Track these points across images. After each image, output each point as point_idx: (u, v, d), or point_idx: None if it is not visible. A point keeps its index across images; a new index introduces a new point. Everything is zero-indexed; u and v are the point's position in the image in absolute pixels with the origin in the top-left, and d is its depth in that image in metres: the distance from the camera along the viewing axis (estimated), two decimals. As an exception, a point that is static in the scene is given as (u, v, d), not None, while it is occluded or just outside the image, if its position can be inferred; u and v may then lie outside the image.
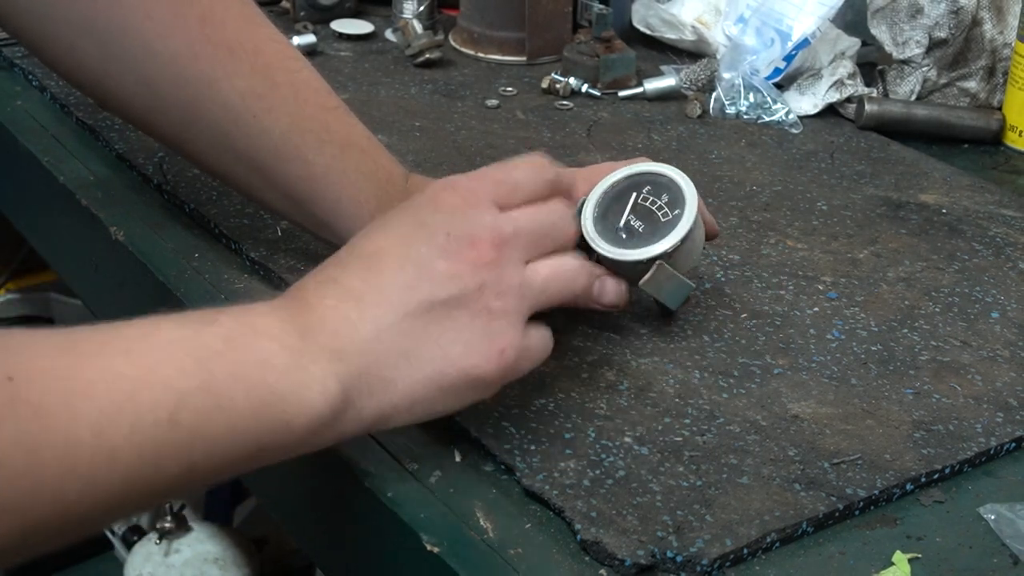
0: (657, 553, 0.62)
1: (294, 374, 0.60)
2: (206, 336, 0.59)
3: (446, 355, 0.64)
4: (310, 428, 0.60)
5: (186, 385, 0.56)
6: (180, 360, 0.56)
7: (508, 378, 0.67)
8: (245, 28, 0.80)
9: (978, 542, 0.66)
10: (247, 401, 0.58)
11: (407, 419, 0.65)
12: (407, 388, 0.63)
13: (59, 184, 0.99)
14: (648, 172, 0.80)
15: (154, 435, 0.54)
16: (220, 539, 1.54)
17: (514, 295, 0.66)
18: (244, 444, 0.58)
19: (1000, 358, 0.81)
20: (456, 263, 0.65)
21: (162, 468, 0.55)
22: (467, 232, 0.66)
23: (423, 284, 0.64)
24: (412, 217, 0.67)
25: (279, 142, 0.80)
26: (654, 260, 0.77)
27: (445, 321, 0.64)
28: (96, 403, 0.53)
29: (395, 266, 0.65)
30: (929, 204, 1.04)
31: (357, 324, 0.63)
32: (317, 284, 0.65)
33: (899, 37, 1.22)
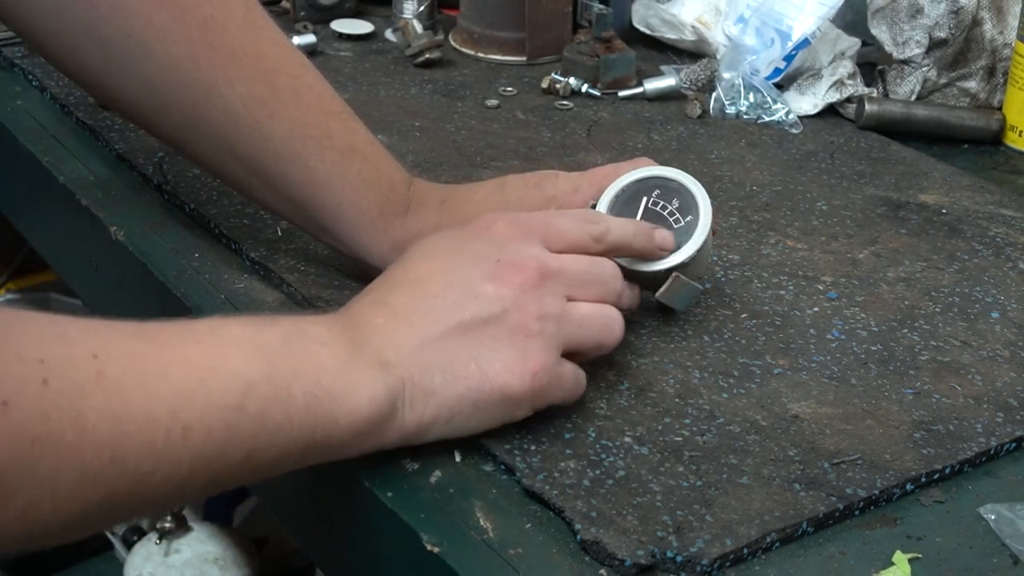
0: (657, 553, 0.62)
1: (344, 376, 0.63)
2: (267, 334, 0.62)
3: (483, 372, 0.66)
4: (356, 430, 0.63)
5: (252, 375, 0.59)
6: (246, 352, 0.60)
7: (538, 402, 0.69)
8: (248, 32, 0.80)
9: (978, 542, 0.66)
10: (303, 396, 0.61)
11: (443, 432, 0.67)
12: (445, 401, 0.66)
13: (59, 184, 0.99)
14: (657, 176, 0.80)
15: (223, 418, 0.57)
16: (220, 539, 1.54)
17: (552, 322, 0.69)
18: (298, 438, 0.61)
19: (1000, 358, 0.81)
20: (502, 286, 0.68)
21: (226, 453, 0.58)
22: (515, 259, 0.69)
23: (468, 304, 0.67)
24: (462, 244, 0.71)
25: (280, 147, 0.80)
26: (671, 271, 0.78)
27: (485, 339, 0.67)
28: (172, 384, 0.56)
29: (442, 288, 0.68)
30: (929, 204, 1.04)
31: (403, 341, 0.66)
32: (365, 305, 0.68)
33: (899, 37, 1.22)
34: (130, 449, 0.54)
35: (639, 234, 0.77)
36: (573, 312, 0.70)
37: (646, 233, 0.77)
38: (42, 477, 0.51)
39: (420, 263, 0.70)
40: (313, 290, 0.83)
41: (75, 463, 0.52)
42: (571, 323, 0.70)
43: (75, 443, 0.52)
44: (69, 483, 0.52)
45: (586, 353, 0.72)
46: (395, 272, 0.71)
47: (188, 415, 0.56)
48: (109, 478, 0.53)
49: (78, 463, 0.52)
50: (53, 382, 0.51)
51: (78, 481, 0.52)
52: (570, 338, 0.70)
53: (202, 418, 0.56)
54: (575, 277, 0.71)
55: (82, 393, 0.52)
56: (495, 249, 0.70)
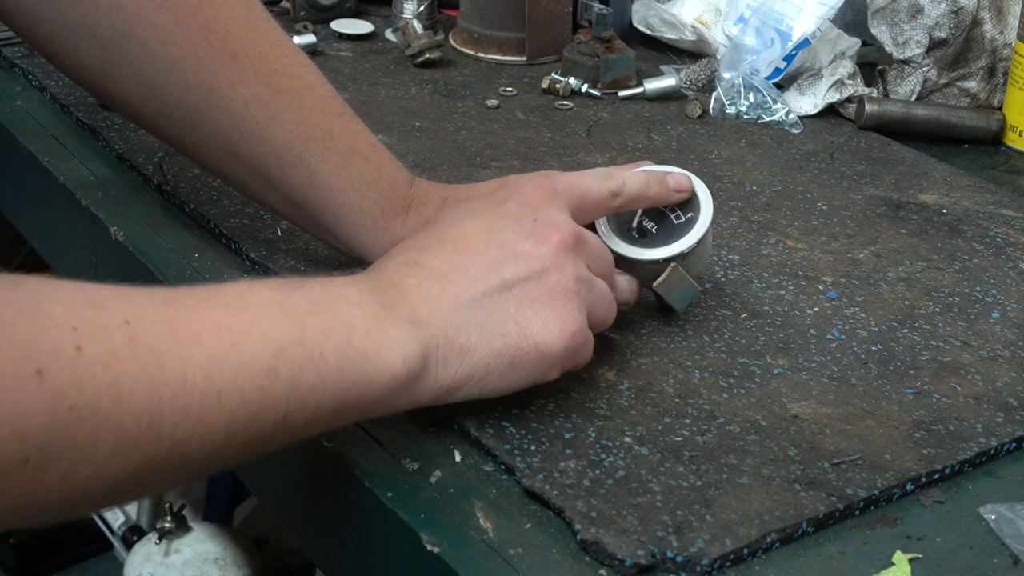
0: (657, 553, 0.62)
1: (376, 335, 0.63)
2: (296, 297, 0.62)
3: (521, 329, 0.67)
4: (389, 388, 0.63)
5: (283, 338, 0.59)
6: (275, 316, 0.60)
7: (569, 364, 0.70)
8: (249, 34, 0.80)
9: (978, 542, 0.66)
10: (335, 357, 0.61)
11: (477, 391, 0.68)
12: (481, 359, 0.67)
13: (59, 184, 0.99)
14: (671, 171, 0.81)
15: (257, 381, 0.57)
16: (220, 539, 1.54)
17: (585, 286, 0.70)
18: (332, 399, 0.61)
19: (1000, 358, 0.81)
20: (541, 244, 0.69)
21: (260, 415, 0.58)
22: (552, 220, 0.71)
23: (508, 263, 0.68)
24: (497, 207, 0.72)
25: (282, 149, 0.80)
26: (669, 261, 0.78)
27: (524, 298, 0.68)
28: (204, 349, 0.56)
29: (481, 248, 0.69)
30: (929, 204, 1.04)
31: (439, 299, 0.66)
32: (399, 266, 0.68)
33: (899, 37, 1.22)
34: (166, 414, 0.54)
35: (652, 181, 0.79)
36: (595, 282, 0.72)
37: (659, 179, 0.79)
38: (80, 443, 0.51)
39: (455, 225, 0.71)
40: (313, 290, 0.83)
41: (112, 429, 0.52)
42: (594, 291, 0.71)
43: (112, 409, 0.52)
44: (107, 449, 0.52)
45: (592, 327, 0.72)
46: (429, 233, 0.71)
47: (222, 379, 0.56)
48: (147, 443, 0.53)
49: (116, 429, 0.52)
50: (87, 348, 0.51)
51: (116, 447, 0.52)
52: (591, 306, 0.71)
53: (235, 382, 0.56)
54: (594, 251, 0.73)
55: (116, 359, 0.52)
56: (530, 210, 0.71)
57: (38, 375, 0.49)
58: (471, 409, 0.71)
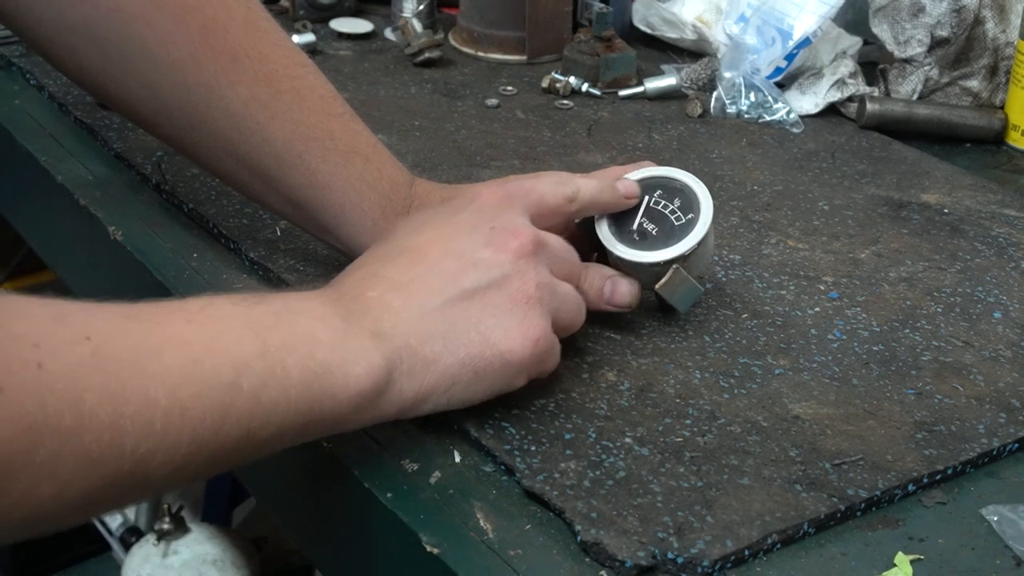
0: (658, 554, 0.62)
1: (339, 349, 0.62)
2: (258, 311, 0.61)
3: (485, 338, 0.67)
4: (353, 402, 0.63)
5: (245, 352, 0.59)
6: (238, 330, 0.59)
7: (535, 370, 0.70)
8: (249, 34, 0.80)
9: (980, 543, 0.66)
10: (298, 371, 0.60)
11: (444, 402, 0.67)
12: (445, 369, 0.66)
13: (57, 183, 0.99)
14: (659, 176, 0.81)
15: (219, 397, 0.57)
16: (219, 540, 1.54)
17: (547, 290, 0.70)
18: (296, 413, 0.60)
19: (1002, 358, 0.81)
20: (499, 251, 0.69)
21: (223, 431, 0.57)
22: (510, 226, 0.70)
23: (467, 272, 0.68)
24: (454, 215, 0.71)
25: (282, 150, 0.80)
26: (671, 263, 0.78)
27: (486, 306, 0.67)
28: (166, 364, 0.55)
29: (439, 257, 0.68)
30: (931, 204, 1.04)
31: (401, 311, 0.66)
32: (358, 279, 0.68)
33: (901, 36, 1.22)
34: (128, 431, 0.53)
35: (604, 188, 0.79)
36: (558, 287, 0.71)
37: (609, 187, 0.79)
38: (41, 462, 0.50)
39: (412, 235, 0.70)
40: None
41: (74, 447, 0.51)
42: (558, 296, 0.71)
43: (73, 427, 0.51)
44: (69, 467, 0.51)
45: (559, 331, 0.72)
46: (385, 246, 0.71)
47: (184, 395, 0.55)
48: (109, 461, 0.53)
49: (77, 446, 0.51)
50: (49, 365, 0.51)
51: (78, 465, 0.52)
52: (556, 311, 0.71)
53: (198, 397, 0.56)
54: (557, 253, 0.72)
55: (78, 375, 0.52)
56: (488, 216, 0.71)
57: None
58: (471, 409, 0.70)
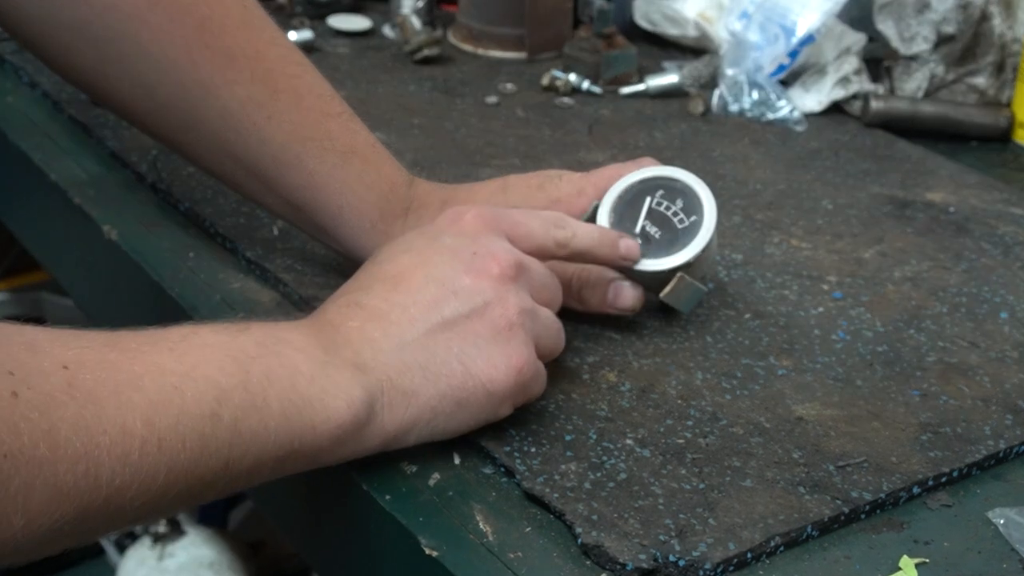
0: (659, 557, 0.61)
1: (320, 381, 0.62)
2: (241, 341, 0.61)
3: (466, 368, 0.66)
4: (333, 436, 0.62)
5: (227, 382, 0.58)
6: (220, 360, 0.59)
7: (520, 399, 0.69)
8: (245, 33, 0.79)
9: (986, 547, 0.65)
10: (279, 403, 0.60)
11: (426, 434, 0.66)
12: (427, 402, 0.65)
13: (51, 182, 0.98)
14: (661, 176, 0.80)
15: (198, 427, 0.56)
16: (215, 543, 1.54)
17: (528, 316, 0.69)
18: (275, 445, 0.60)
19: (1009, 359, 0.80)
20: (480, 278, 0.68)
21: (201, 462, 0.57)
22: (491, 251, 0.69)
23: (448, 300, 0.67)
24: (433, 239, 0.70)
25: (279, 151, 0.79)
26: (676, 271, 0.77)
27: (467, 335, 0.66)
28: (145, 394, 0.55)
29: (419, 285, 0.67)
30: (936, 203, 1.03)
31: (381, 342, 0.65)
32: (339, 308, 0.67)
33: (906, 32, 1.21)
34: (104, 462, 0.52)
35: (604, 243, 0.76)
36: (540, 312, 0.70)
37: (611, 241, 0.77)
38: (14, 493, 0.49)
39: (392, 261, 0.69)
40: (309, 290, 0.83)
41: (48, 477, 0.50)
42: (540, 321, 0.70)
43: (47, 457, 0.50)
44: (42, 498, 0.50)
45: (541, 356, 0.71)
46: (367, 272, 0.70)
47: (162, 425, 0.54)
48: (83, 492, 0.52)
49: (51, 477, 0.50)
50: (24, 393, 0.50)
51: (51, 496, 0.51)
52: (538, 337, 0.70)
53: (176, 427, 0.55)
54: (538, 278, 0.71)
55: (53, 405, 0.51)
56: (468, 241, 0.69)
57: None
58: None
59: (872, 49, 1.28)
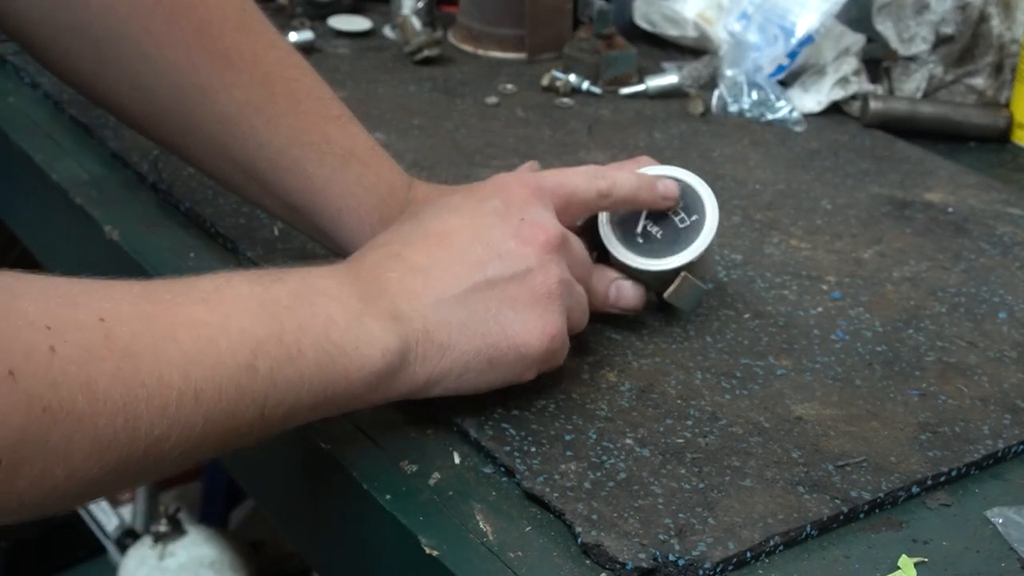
0: (659, 556, 0.61)
1: (355, 330, 0.63)
2: (274, 291, 0.61)
3: (503, 329, 0.67)
4: (367, 382, 0.63)
5: (261, 333, 0.59)
6: (253, 311, 0.59)
7: (546, 366, 0.71)
8: (244, 36, 0.79)
9: (985, 546, 0.65)
10: (313, 353, 0.60)
11: (454, 387, 0.67)
12: (460, 356, 0.66)
13: (52, 182, 0.98)
14: (661, 176, 0.80)
15: (235, 378, 0.57)
16: (216, 542, 1.54)
17: (567, 288, 0.70)
18: (310, 394, 0.61)
19: (1007, 359, 0.80)
20: (526, 244, 0.69)
21: (238, 412, 0.58)
22: (539, 221, 0.70)
23: (493, 261, 0.68)
24: (483, 202, 0.72)
25: (278, 154, 0.79)
26: (679, 270, 0.77)
27: (506, 298, 0.68)
28: (180, 346, 0.55)
29: (466, 244, 0.68)
30: (935, 203, 1.03)
31: (420, 295, 0.66)
32: (379, 258, 0.68)
33: (905, 33, 1.21)
34: (143, 414, 0.53)
35: (643, 186, 0.78)
36: (575, 286, 0.72)
37: (649, 184, 0.78)
38: (55, 445, 0.50)
39: (439, 219, 0.70)
40: (310, 289, 0.82)
41: (87, 430, 0.51)
42: (574, 296, 0.71)
43: (87, 410, 0.51)
44: (82, 450, 0.51)
45: (568, 330, 0.72)
46: (411, 226, 0.71)
47: (199, 376, 0.55)
48: (122, 443, 0.53)
49: (90, 430, 0.51)
50: (61, 348, 0.51)
51: (91, 448, 0.51)
52: (570, 310, 0.71)
53: (213, 379, 0.56)
54: (576, 254, 0.73)
55: (91, 358, 0.52)
56: (516, 209, 0.71)
57: (11, 376, 0.49)
58: (471, 410, 0.70)
59: (871, 50, 1.28)
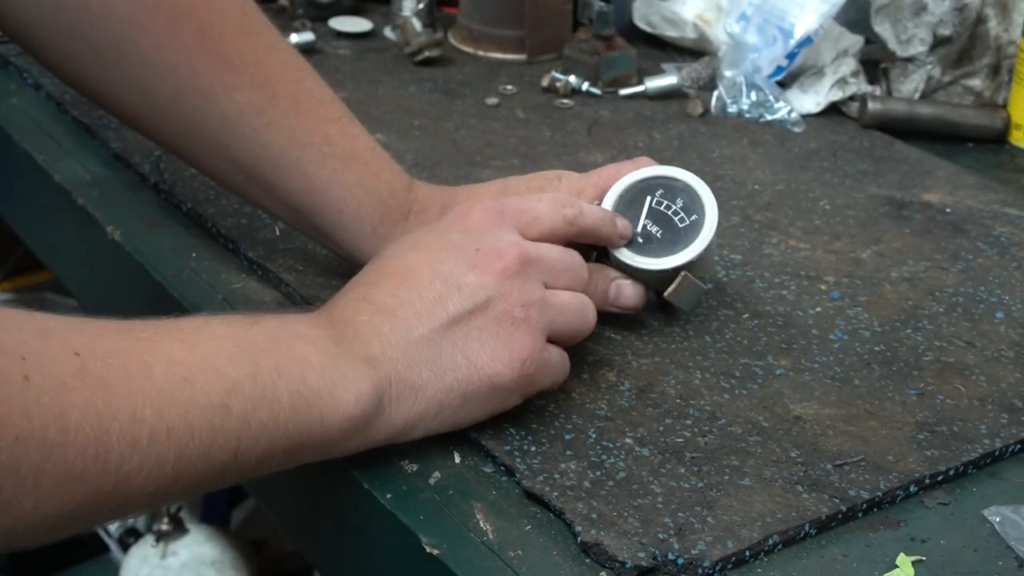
0: (658, 555, 0.61)
1: (330, 374, 0.62)
2: (252, 333, 0.61)
3: (471, 363, 0.67)
4: (342, 428, 0.63)
5: (237, 374, 0.59)
6: (230, 351, 0.59)
7: (528, 390, 0.69)
8: (245, 38, 0.79)
9: (983, 545, 0.65)
10: (288, 395, 0.60)
11: (434, 427, 0.67)
12: (434, 395, 0.66)
13: (55, 183, 0.98)
14: (660, 175, 0.80)
15: (208, 418, 0.57)
16: (217, 541, 1.54)
17: (535, 308, 0.69)
18: (285, 436, 0.60)
19: (1005, 359, 0.81)
20: (484, 274, 0.68)
21: (211, 452, 0.57)
22: (495, 247, 0.69)
23: (452, 296, 0.67)
24: (440, 236, 0.71)
25: (279, 156, 0.79)
26: (679, 270, 0.78)
27: (471, 330, 0.67)
28: (155, 383, 0.55)
29: (425, 281, 0.68)
30: (933, 203, 1.03)
31: (389, 336, 0.66)
32: (349, 302, 0.68)
33: (903, 35, 1.21)
34: (113, 448, 0.53)
35: (606, 220, 0.78)
36: (553, 299, 0.70)
37: (611, 220, 0.78)
38: (24, 475, 0.50)
39: (399, 258, 0.70)
40: (311, 290, 0.83)
41: (58, 461, 0.51)
42: (552, 309, 0.70)
43: (58, 441, 0.51)
44: (52, 482, 0.51)
45: (564, 341, 0.71)
46: (376, 267, 0.71)
47: (172, 414, 0.55)
48: (92, 476, 0.52)
49: (61, 461, 0.51)
50: (35, 378, 0.51)
51: (61, 480, 0.51)
52: (552, 325, 0.70)
53: (186, 417, 0.56)
54: (551, 264, 0.71)
55: (64, 390, 0.52)
56: (473, 238, 0.70)
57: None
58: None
59: (869, 51, 1.28)
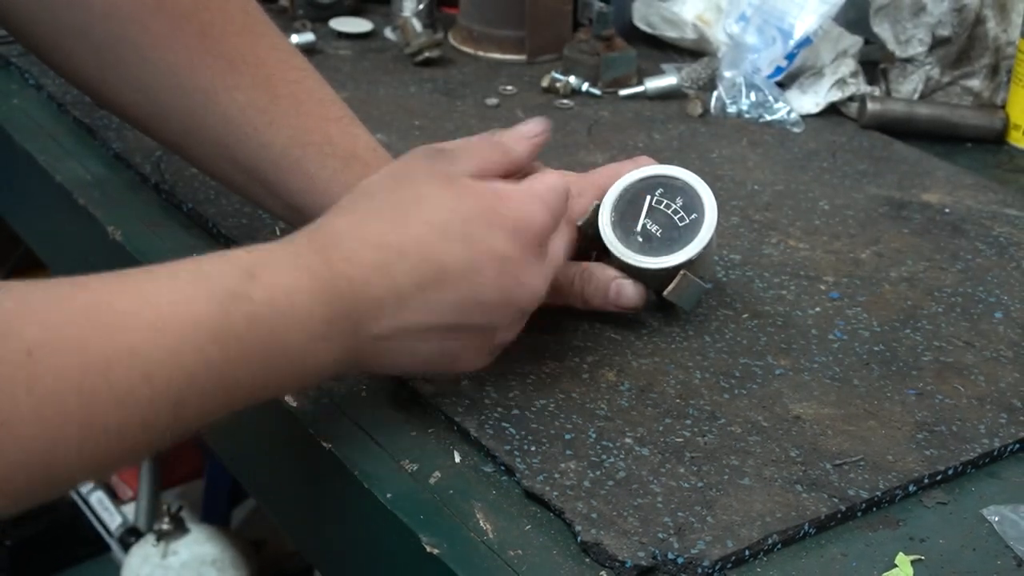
0: (658, 555, 0.61)
1: (314, 351, 0.63)
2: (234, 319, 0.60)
3: (451, 362, 0.70)
4: (315, 383, 0.71)
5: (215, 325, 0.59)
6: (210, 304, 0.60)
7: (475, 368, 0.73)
8: (246, 38, 0.79)
9: (981, 544, 0.65)
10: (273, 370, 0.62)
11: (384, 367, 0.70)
12: (401, 369, 0.71)
13: (56, 183, 0.98)
14: (660, 175, 0.81)
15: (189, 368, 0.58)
16: (218, 541, 1.54)
17: (499, 348, 0.73)
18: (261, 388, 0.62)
19: (1004, 359, 0.81)
20: (508, 308, 0.70)
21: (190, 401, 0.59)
22: (531, 288, 0.70)
23: (472, 312, 0.68)
24: (490, 230, 0.68)
25: (280, 155, 0.79)
26: (679, 269, 0.78)
27: (464, 340, 0.69)
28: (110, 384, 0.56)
29: (454, 286, 0.67)
30: (932, 203, 1.04)
31: (392, 315, 0.66)
32: (374, 267, 0.65)
33: (902, 35, 1.22)
34: (121, 383, 0.55)
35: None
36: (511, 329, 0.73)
37: (519, 133, 0.77)
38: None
39: (446, 246, 0.67)
40: (311, 290, 0.83)
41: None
42: (512, 331, 0.73)
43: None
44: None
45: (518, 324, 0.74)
46: (421, 244, 0.67)
47: (152, 360, 0.56)
48: (104, 413, 0.55)
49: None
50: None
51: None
52: (506, 333, 0.73)
53: (164, 365, 0.57)
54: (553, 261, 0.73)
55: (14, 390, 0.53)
56: (516, 265, 0.69)
57: None
58: (471, 410, 0.70)
59: (868, 52, 1.28)
